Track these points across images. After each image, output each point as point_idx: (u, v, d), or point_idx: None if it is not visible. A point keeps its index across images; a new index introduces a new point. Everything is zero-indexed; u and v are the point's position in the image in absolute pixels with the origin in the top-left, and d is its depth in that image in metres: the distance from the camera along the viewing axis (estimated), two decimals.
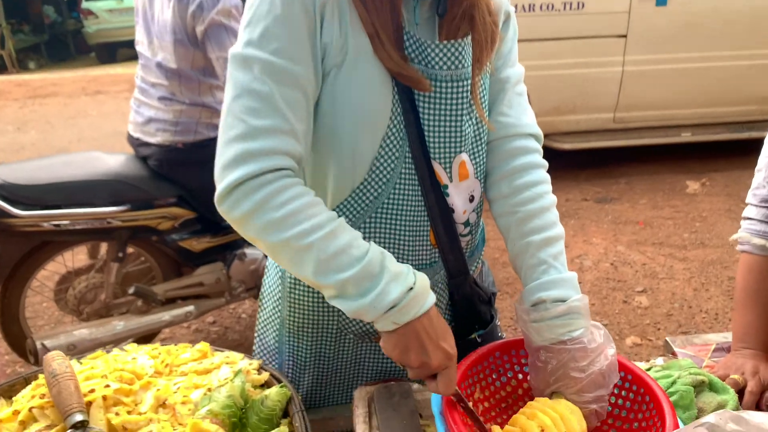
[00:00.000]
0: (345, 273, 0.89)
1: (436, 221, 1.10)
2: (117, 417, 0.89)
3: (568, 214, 4.60)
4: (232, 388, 0.95)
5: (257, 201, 0.90)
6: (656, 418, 0.93)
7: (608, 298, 3.53)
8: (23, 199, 2.39)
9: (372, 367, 1.28)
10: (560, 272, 1.05)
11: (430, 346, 0.90)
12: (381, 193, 1.05)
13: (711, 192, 4.98)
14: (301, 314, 1.21)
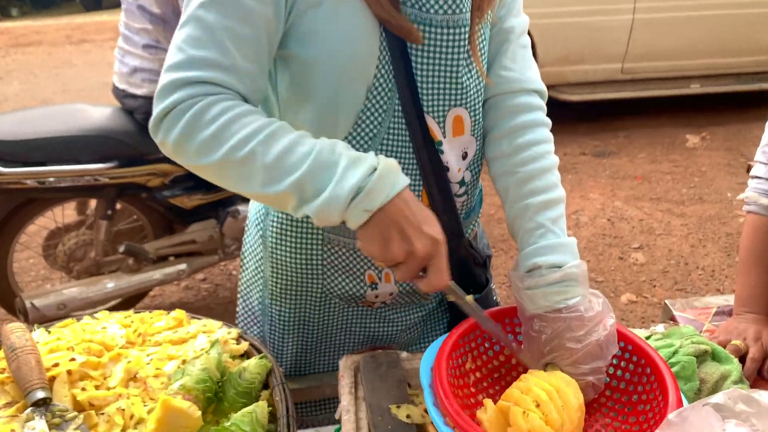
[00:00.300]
0: (296, 172, 0.80)
1: (429, 180, 1.03)
2: (83, 393, 0.83)
3: (566, 169, 4.52)
4: (207, 360, 0.89)
5: (186, 123, 0.82)
6: (658, 391, 0.87)
7: (604, 255, 3.49)
8: (5, 155, 2.31)
9: (361, 332, 1.23)
10: (558, 237, 0.98)
11: (412, 232, 0.81)
12: (367, 149, 0.98)
13: (711, 146, 4.90)
14: (285, 276, 1.14)
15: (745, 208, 1.30)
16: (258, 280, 1.21)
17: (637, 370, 0.94)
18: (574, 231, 3.72)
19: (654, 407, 0.87)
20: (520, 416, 0.78)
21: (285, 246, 1.11)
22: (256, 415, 0.81)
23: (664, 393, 0.85)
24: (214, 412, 0.88)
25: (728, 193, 4.13)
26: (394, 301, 1.20)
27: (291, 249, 1.10)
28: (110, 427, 0.80)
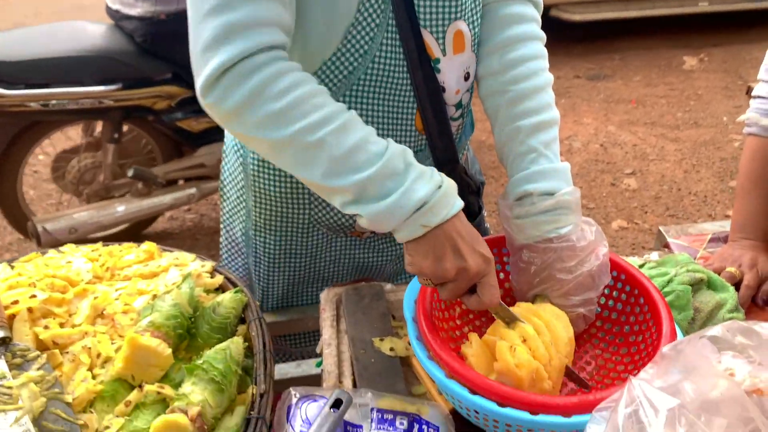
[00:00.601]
0: (364, 172, 0.76)
1: (424, 102, 0.95)
2: (46, 331, 0.79)
3: (559, 93, 4.40)
4: (178, 295, 0.84)
5: (252, 89, 0.74)
6: (651, 322, 0.84)
7: (596, 181, 3.44)
8: (5, 77, 2.24)
9: (349, 263, 1.18)
10: (551, 162, 0.91)
11: (466, 250, 0.79)
12: (356, 67, 0.90)
13: (708, 68, 4.77)
14: (268, 205, 1.08)
15: (745, 131, 1.23)
16: (240, 210, 1.15)
17: (629, 300, 0.90)
18: (566, 157, 3.66)
19: (647, 338, 0.84)
20: (506, 351, 0.74)
21: (268, 174, 1.04)
22: (230, 352, 0.77)
23: (658, 324, 0.82)
24: (187, 348, 0.84)
25: (724, 117, 4.05)
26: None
27: (274, 177, 1.04)
28: (76, 367, 0.76)
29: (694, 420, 0.60)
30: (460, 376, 0.73)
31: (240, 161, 1.09)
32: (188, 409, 0.70)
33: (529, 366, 0.73)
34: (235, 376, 0.76)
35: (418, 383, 0.91)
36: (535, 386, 0.74)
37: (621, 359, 0.87)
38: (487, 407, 0.70)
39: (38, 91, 2.27)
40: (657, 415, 0.60)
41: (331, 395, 0.77)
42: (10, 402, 0.70)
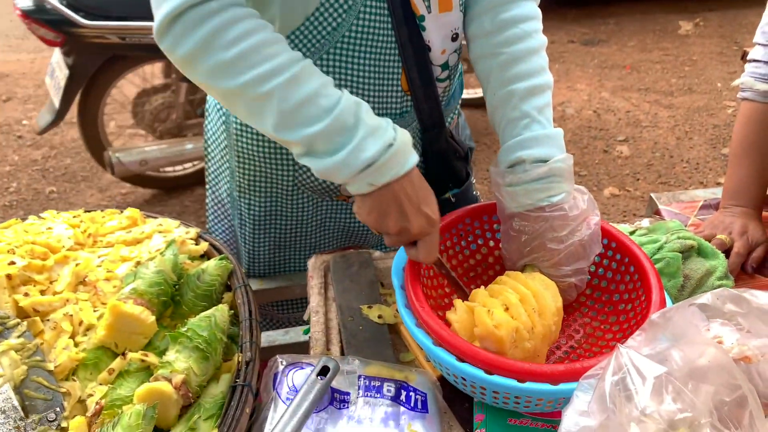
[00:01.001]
0: (313, 127, 0.74)
1: (410, 61, 0.93)
2: (26, 298, 0.77)
3: (553, 58, 4.35)
4: (162, 262, 0.82)
5: (202, 37, 0.71)
6: (641, 290, 0.83)
7: (588, 148, 3.42)
8: (87, 7, 2.38)
9: (336, 228, 1.17)
10: (544, 128, 0.89)
11: (411, 211, 0.78)
12: (341, 24, 0.87)
13: (704, 33, 4.72)
14: (252, 167, 1.06)
15: (739, 95, 1.21)
16: (224, 171, 1.13)
17: (620, 269, 0.89)
18: (559, 123, 3.63)
19: (636, 307, 0.83)
20: (485, 314, 0.74)
21: (250, 134, 1.02)
22: (215, 319, 0.76)
23: (648, 293, 0.81)
24: (171, 316, 0.83)
25: (718, 84, 4.02)
26: None
27: (257, 137, 1.02)
28: (57, 334, 0.75)
29: (681, 387, 0.60)
30: (447, 343, 0.72)
31: (222, 120, 1.06)
32: (172, 377, 0.69)
33: (507, 325, 0.72)
34: (221, 343, 0.75)
35: (406, 350, 0.90)
36: (517, 347, 0.73)
37: (610, 327, 0.87)
38: (474, 374, 0.69)
39: (116, 24, 2.40)
40: (644, 382, 0.59)
41: (318, 363, 0.76)
42: None
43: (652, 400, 0.59)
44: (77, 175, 3.23)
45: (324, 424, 0.73)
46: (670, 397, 0.59)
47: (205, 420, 0.69)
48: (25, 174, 3.22)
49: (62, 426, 0.68)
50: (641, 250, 0.87)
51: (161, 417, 0.68)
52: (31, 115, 3.79)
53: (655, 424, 0.59)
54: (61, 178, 3.22)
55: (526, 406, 0.71)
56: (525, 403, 0.71)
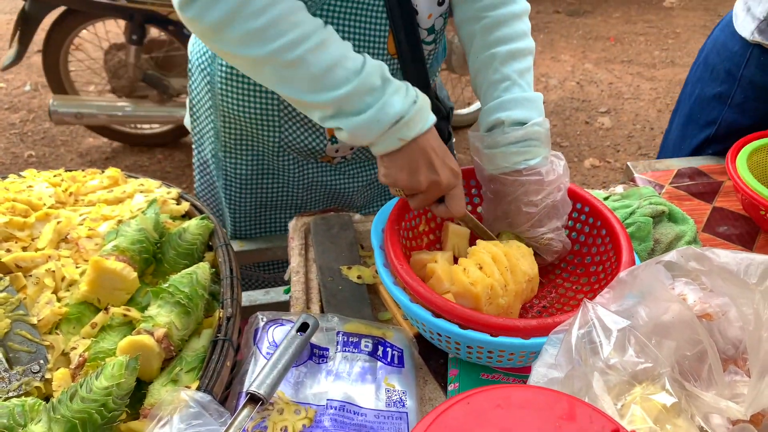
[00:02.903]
0: (342, 88, 0.77)
1: (397, 25, 0.94)
2: (8, 254, 0.78)
3: (538, 28, 4.34)
4: (143, 220, 0.83)
5: (231, 6, 0.73)
6: (611, 252, 0.86)
7: (571, 119, 3.44)
8: None
9: (321, 189, 1.18)
10: (524, 91, 0.91)
11: (438, 163, 0.82)
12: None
13: (688, 6, 4.73)
14: (237, 127, 1.07)
15: None
16: (209, 131, 1.13)
17: (592, 232, 0.92)
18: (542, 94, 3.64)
19: (607, 268, 0.86)
20: (460, 273, 0.76)
21: (236, 94, 1.02)
22: (197, 276, 0.77)
23: (618, 253, 0.84)
24: (154, 273, 0.84)
25: None
26: (354, 156, 1.15)
27: (243, 98, 1.02)
28: (40, 290, 0.76)
29: (644, 341, 0.63)
30: (424, 299, 0.74)
31: (207, 80, 1.06)
32: (154, 330, 0.70)
33: (483, 282, 0.75)
34: (202, 299, 0.76)
35: (384, 310, 0.93)
36: (492, 303, 0.76)
37: (581, 288, 0.90)
38: (449, 329, 0.72)
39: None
40: (608, 335, 0.62)
41: (298, 319, 0.78)
42: None
43: (615, 352, 0.62)
44: (56, 139, 3.19)
45: (303, 378, 0.75)
46: (632, 350, 0.62)
47: (187, 372, 0.71)
48: (2, 137, 3.18)
49: (46, 377, 0.70)
50: (612, 213, 0.89)
51: (143, 369, 0.69)
52: (8, 77, 3.71)
53: (618, 375, 0.62)
54: (40, 142, 3.17)
55: (499, 360, 0.74)
56: (498, 357, 0.73)
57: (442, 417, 0.42)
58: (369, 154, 1.16)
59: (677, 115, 1.57)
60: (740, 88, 1.34)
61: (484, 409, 0.43)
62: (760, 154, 1.21)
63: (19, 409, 0.64)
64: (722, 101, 1.38)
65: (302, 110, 0.84)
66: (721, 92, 1.38)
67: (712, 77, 1.40)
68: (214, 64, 1.03)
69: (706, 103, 1.43)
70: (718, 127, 1.41)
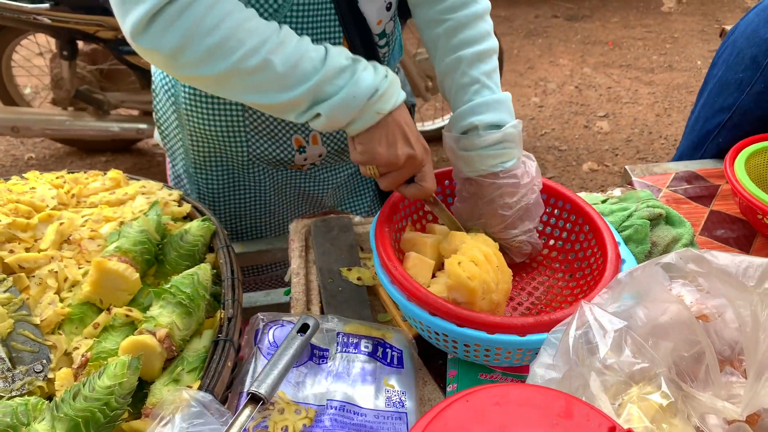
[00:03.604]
0: (313, 78, 0.77)
1: (351, 31, 0.95)
2: (11, 255, 0.78)
3: (536, 32, 4.35)
4: (145, 222, 0.84)
5: (186, 28, 0.72)
6: (596, 247, 0.88)
7: (569, 123, 3.46)
8: None
9: (292, 193, 1.19)
10: (494, 92, 0.92)
11: (413, 137, 0.84)
12: (282, 6, 0.89)
13: (686, 11, 4.75)
14: (205, 145, 1.08)
15: None
16: (179, 148, 1.15)
17: (574, 228, 0.93)
18: (541, 98, 3.65)
19: (592, 263, 0.88)
20: (456, 266, 0.77)
21: (202, 112, 1.03)
22: (198, 277, 0.78)
23: (603, 248, 0.85)
24: (155, 274, 0.85)
25: (698, 62, 4.06)
26: (324, 162, 1.16)
27: (209, 115, 1.03)
28: (43, 290, 0.77)
29: (640, 341, 0.63)
30: (421, 300, 0.75)
31: (171, 101, 1.07)
32: (156, 330, 0.71)
33: (480, 277, 0.76)
34: (203, 300, 0.77)
35: (383, 311, 0.93)
36: (484, 299, 0.77)
37: (567, 284, 0.91)
38: (446, 327, 0.72)
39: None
40: (605, 336, 0.63)
41: (298, 320, 0.79)
42: None
43: (612, 352, 0.62)
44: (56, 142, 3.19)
45: (304, 378, 0.76)
46: (629, 350, 0.62)
47: (189, 372, 0.72)
48: (2, 140, 3.18)
49: (49, 377, 0.70)
50: (593, 209, 0.91)
51: (146, 369, 0.70)
52: None
53: (615, 376, 0.63)
54: (39, 144, 3.18)
55: (496, 359, 0.75)
56: (495, 355, 0.74)
57: (442, 414, 0.42)
58: (338, 158, 1.18)
59: (701, 95, 1.54)
60: (762, 76, 1.32)
61: (483, 406, 0.43)
62: (758, 157, 1.22)
63: (22, 408, 0.64)
64: (741, 88, 1.36)
65: (277, 115, 0.83)
66: (742, 78, 1.36)
67: (737, 61, 1.38)
68: (178, 84, 1.04)
69: (726, 87, 1.41)
70: (732, 114, 1.39)
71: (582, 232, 0.91)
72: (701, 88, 1.55)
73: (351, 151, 0.85)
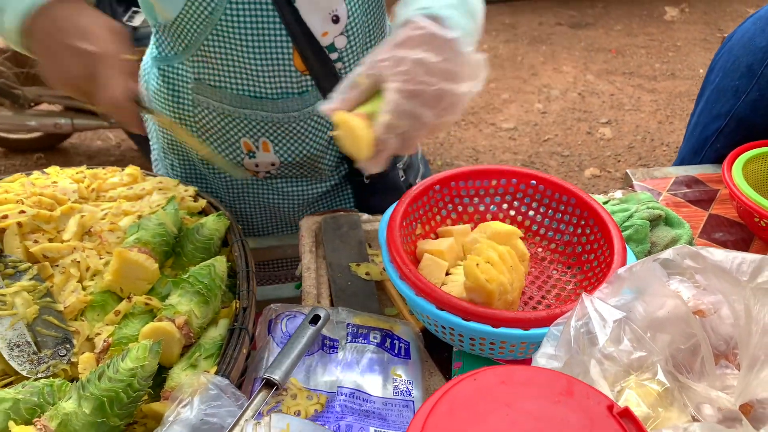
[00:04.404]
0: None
1: (300, 41, 0.94)
2: (36, 245, 0.82)
3: (540, 40, 4.39)
4: (163, 215, 0.87)
5: None
6: (602, 241, 0.90)
7: (572, 129, 3.49)
8: None
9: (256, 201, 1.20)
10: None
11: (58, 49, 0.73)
12: (215, 9, 0.91)
13: (689, 20, 4.79)
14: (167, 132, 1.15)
15: None
16: (153, 133, 1.21)
17: (580, 223, 0.95)
18: (544, 105, 3.69)
19: (599, 256, 0.90)
20: (474, 268, 0.79)
21: (161, 104, 1.08)
22: (215, 268, 0.81)
23: (609, 242, 0.87)
24: (172, 266, 0.88)
25: (701, 70, 4.10)
26: (283, 173, 1.15)
27: (167, 107, 1.08)
28: (66, 279, 0.80)
29: (639, 332, 0.66)
30: (428, 295, 0.78)
31: (145, 86, 1.12)
32: (175, 317, 0.74)
33: (498, 280, 0.79)
34: (219, 290, 0.80)
35: (390, 305, 0.97)
36: (500, 299, 0.80)
37: (575, 278, 0.94)
38: (453, 321, 0.75)
39: None
40: (605, 326, 0.66)
41: (310, 311, 0.82)
42: (5, 308, 0.74)
43: (611, 342, 0.65)
44: (65, 142, 3.23)
45: (315, 366, 0.79)
46: (627, 340, 0.65)
47: (206, 358, 0.75)
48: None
49: (72, 361, 0.73)
50: (597, 202, 0.93)
51: (165, 354, 0.73)
52: None
53: (614, 365, 0.66)
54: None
55: (500, 351, 0.78)
56: (499, 349, 0.77)
57: (451, 391, 0.46)
58: (301, 171, 1.15)
59: (699, 101, 1.55)
60: (758, 84, 1.34)
61: (490, 385, 0.46)
62: (757, 162, 1.25)
63: (48, 388, 0.68)
64: (737, 95, 1.38)
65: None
66: (738, 86, 1.38)
67: (733, 68, 1.40)
68: (151, 72, 1.09)
69: (722, 94, 1.42)
70: (729, 120, 1.41)
71: (588, 225, 0.93)
72: (699, 94, 1.57)
73: None
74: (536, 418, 0.44)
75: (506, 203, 1.02)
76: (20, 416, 0.65)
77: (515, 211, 1.02)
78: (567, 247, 0.97)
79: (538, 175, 0.99)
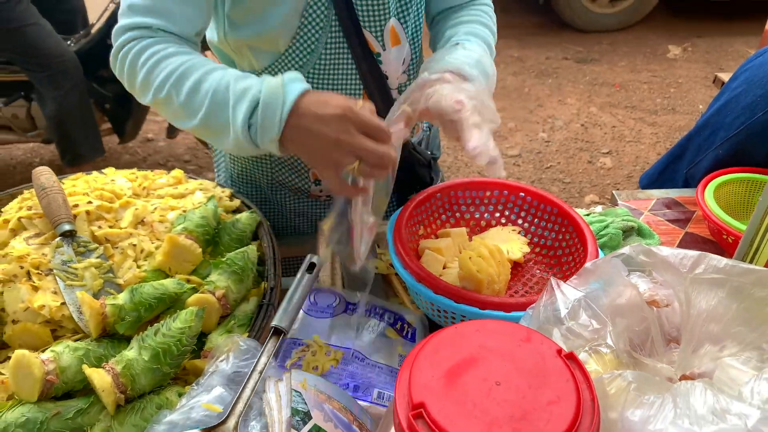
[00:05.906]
0: (202, 110, 0.88)
1: (371, 88, 1.12)
2: (100, 230, 0.98)
3: (547, 73, 4.58)
4: (205, 210, 1.03)
5: (128, 67, 0.94)
6: (579, 245, 1.04)
7: (574, 158, 3.65)
8: None
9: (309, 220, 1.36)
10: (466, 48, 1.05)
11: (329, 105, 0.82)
12: (306, 62, 1.07)
13: (691, 58, 4.97)
14: (239, 163, 1.29)
15: None
16: (222, 159, 1.36)
17: (560, 229, 1.10)
18: (548, 134, 3.85)
19: (576, 258, 1.05)
20: (468, 261, 0.94)
21: None
22: (248, 254, 0.96)
23: (584, 245, 1.02)
24: (211, 253, 1.04)
25: (700, 106, 4.26)
26: None
27: None
28: (124, 258, 0.96)
29: (596, 310, 0.81)
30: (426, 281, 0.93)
31: None
32: (215, 291, 0.90)
33: (486, 271, 0.94)
34: (251, 272, 0.96)
35: (395, 296, 1.11)
36: (488, 288, 0.95)
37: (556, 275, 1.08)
38: (446, 303, 0.90)
39: None
40: (567, 304, 0.80)
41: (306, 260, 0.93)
42: (77, 280, 0.89)
43: (571, 316, 0.80)
44: None
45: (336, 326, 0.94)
46: (585, 315, 0.79)
47: (239, 327, 0.90)
48: (47, 151, 3.42)
49: None
50: (576, 212, 1.08)
51: (206, 321, 0.88)
52: None
53: (575, 338, 0.80)
54: None
55: None
56: None
57: (438, 335, 0.60)
58: None
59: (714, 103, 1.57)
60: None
61: (467, 332, 0.61)
62: (727, 187, 1.39)
63: (110, 344, 0.83)
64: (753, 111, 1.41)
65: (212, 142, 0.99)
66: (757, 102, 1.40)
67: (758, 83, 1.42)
68: None
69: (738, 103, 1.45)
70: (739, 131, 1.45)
71: (567, 232, 1.08)
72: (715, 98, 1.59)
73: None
74: (501, 355, 0.59)
75: (498, 211, 1.17)
76: (90, 362, 0.80)
77: (506, 218, 1.17)
78: (549, 251, 1.12)
79: (525, 188, 1.15)
